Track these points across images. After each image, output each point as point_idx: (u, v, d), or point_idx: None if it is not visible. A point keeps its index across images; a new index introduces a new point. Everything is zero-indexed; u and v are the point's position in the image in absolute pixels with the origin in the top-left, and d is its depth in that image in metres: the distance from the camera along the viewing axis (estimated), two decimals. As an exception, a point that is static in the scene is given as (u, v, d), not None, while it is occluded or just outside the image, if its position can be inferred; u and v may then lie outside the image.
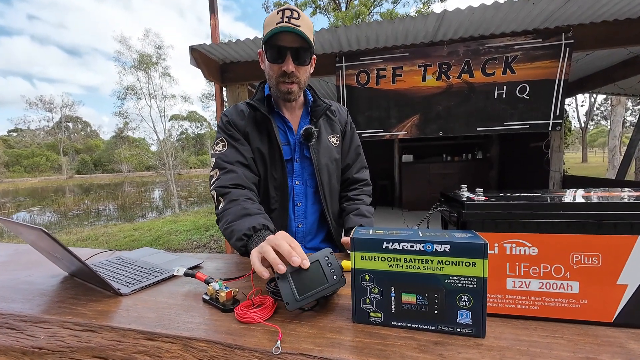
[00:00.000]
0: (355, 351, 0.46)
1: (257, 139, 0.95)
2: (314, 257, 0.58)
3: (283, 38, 0.83)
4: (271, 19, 0.84)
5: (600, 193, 0.61)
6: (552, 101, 2.39)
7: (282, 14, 0.82)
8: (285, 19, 0.81)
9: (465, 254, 0.48)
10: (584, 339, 0.47)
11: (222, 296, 0.60)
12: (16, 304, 0.66)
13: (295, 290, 0.54)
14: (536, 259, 0.52)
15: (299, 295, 0.54)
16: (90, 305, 0.64)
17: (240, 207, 0.82)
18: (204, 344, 0.50)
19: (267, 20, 0.86)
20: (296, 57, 0.86)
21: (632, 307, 0.50)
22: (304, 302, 0.54)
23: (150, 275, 0.77)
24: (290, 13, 0.82)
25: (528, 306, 0.53)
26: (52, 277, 0.82)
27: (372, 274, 0.52)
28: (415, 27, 2.32)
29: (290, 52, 0.85)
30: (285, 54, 0.85)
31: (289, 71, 0.86)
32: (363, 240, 0.52)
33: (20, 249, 1.11)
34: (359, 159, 1.11)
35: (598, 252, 0.50)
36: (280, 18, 0.82)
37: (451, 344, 0.47)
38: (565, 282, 0.52)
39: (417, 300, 0.51)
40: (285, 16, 0.82)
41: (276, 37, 0.83)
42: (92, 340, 0.54)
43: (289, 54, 0.85)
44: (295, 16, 0.82)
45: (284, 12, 0.82)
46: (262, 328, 0.53)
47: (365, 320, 0.53)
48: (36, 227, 0.56)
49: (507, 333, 0.50)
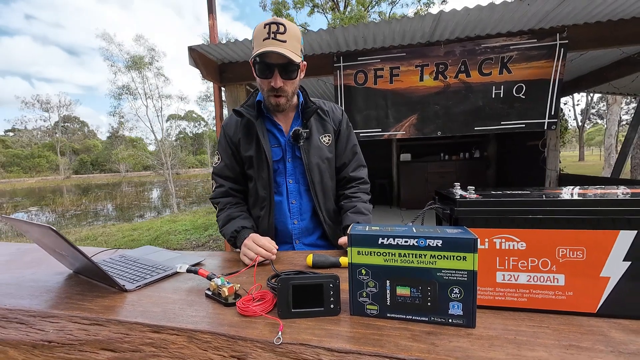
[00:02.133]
0: (352, 341, 0.48)
1: (246, 145, 1.04)
2: (324, 278, 0.57)
3: (269, 55, 0.87)
4: (258, 32, 0.88)
5: (596, 190, 0.63)
6: (547, 101, 2.42)
7: (269, 28, 0.86)
8: (272, 34, 0.85)
9: (456, 249, 0.50)
10: (568, 328, 0.50)
11: (224, 291, 0.63)
12: (24, 300, 0.68)
13: (292, 302, 0.56)
14: (524, 253, 0.55)
15: (293, 308, 0.56)
16: (97, 301, 0.66)
17: (227, 214, 1.05)
18: (208, 336, 0.52)
19: (254, 32, 0.90)
20: (283, 72, 0.91)
21: (615, 299, 0.52)
22: (295, 317, 0.56)
23: (154, 272, 0.79)
24: (277, 28, 0.86)
25: (517, 298, 0.56)
26: (57, 274, 0.84)
27: (368, 268, 0.55)
28: (412, 28, 2.34)
29: (278, 68, 0.90)
30: (273, 70, 0.90)
31: (277, 86, 0.92)
32: (359, 236, 0.55)
33: (23, 248, 1.13)
34: (356, 158, 1.13)
35: (582, 246, 0.53)
36: (267, 33, 0.86)
37: (443, 334, 0.50)
38: (552, 275, 0.54)
39: (411, 293, 0.53)
40: (272, 31, 0.85)
41: (263, 55, 0.87)
42: (100, 333, 0.56)
43: (276, 70, 0.90)
44: (281, 30, 0.86)
45: (270, 26, 0.86)
46: (263, 321, 0.55)
47: (362, 313, 0.56)
48: (44, 225, 0.58)
49: (496, 323, 0.52)
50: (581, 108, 27.57)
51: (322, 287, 0.57)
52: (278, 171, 1.06)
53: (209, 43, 2.64)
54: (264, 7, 16.77)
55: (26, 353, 0.58)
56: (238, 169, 1.09)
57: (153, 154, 18.14)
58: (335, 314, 0.57)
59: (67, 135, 48.49)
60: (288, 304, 0.56)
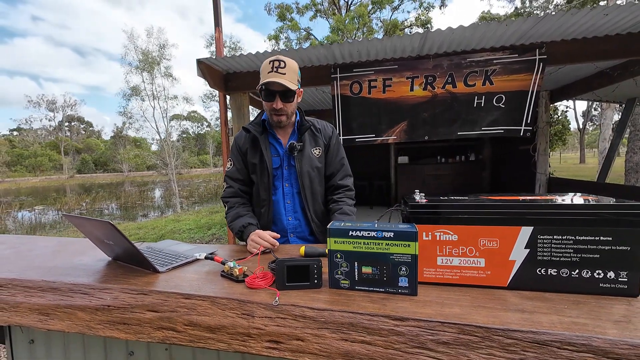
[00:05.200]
0: (328, 302, 0.69)
1: (252, 154, 1.28)
2: (310, 260, 0.77)
3: (272, 84, 1.13)
4: (265, 67, 1.15)
5: (526, 197, 0.83)
6: (525, 110, 2.63)
7: (272, 64, 1.13)
8: (274, 68, 1.12)
9: (403, 238, 0.70)
10: (483, 296, 0.70)
11: (235, 271, 0.83)
12: (82, 278, 0.88)
13: (286, 279, 0.76)
14: (456, 243, 0.75)
15: (287, 282, 0.76)
16: (138, 279, 0.86)
17: (235, 212, 1.27)
18: (225, 300, 0.72)
19: (262, 67, 1.17)
20: (283, 97, 1.16)
21: (519, 276, 0.72)
22: (289, 289, 0.75)
23: (178, 259, 1.00)
24: (279, 64, 1.13)
25: (451, 276, 0.76)
26: (99, 260, 1.04)
27: (342, 253, 0.75)
28: (402, 44, 2.54)
29: (279, 94, 1.15)
30: (275, 95, 1.15)
31: (278, 107, 1.17)
32: (336, 230, 0.75)
33: (63, 241, 1.34)
34: (343, 169, 1.34)
35: (497, 237, 0.73)
36: (271, 68, 1.13)
37: (393, 299, 0.70)
38: (476, 259, 0.74)
39: (372, 271, 0.73)
40: (274, 66, 1.12)
41: (268, 83, 1.13)
42: (145, 299, 0.77)
43: (277, 96, 1.15)
44: (282, 66, 1.13)
45: (274, 62, 1.13)
46: (265, 292, 0.76)
47: (337, 286, 0.76)
48: (104, 221, 0.79)
49: (433, 294, 0.72)
50: (582, 110, 27.62)
51: (309, 267, 0.77)
52: (276, 176, 1.28)
53: (215, 56, 2.86)
54: (268, 11, 17.03)
55: (91, 314, 0.78)
56: (246, 172, 1.31)
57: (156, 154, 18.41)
58: (318, 287, 0.77)
59: (71, 135, 48.97)
60: (283, 279, 0.76)
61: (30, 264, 1.03)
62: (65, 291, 0.83)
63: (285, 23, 16.45)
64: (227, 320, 0.70)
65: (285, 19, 16.43)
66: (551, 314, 0.61)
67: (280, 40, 16.79)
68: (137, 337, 0.75)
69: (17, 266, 1.00)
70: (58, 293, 0.84)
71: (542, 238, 0.70)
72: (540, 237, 0.71)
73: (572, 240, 0.69)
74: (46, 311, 0.82)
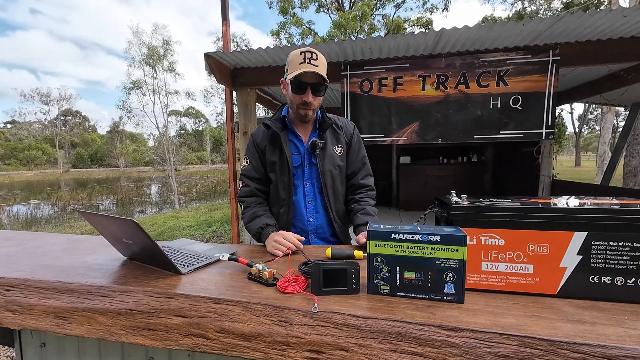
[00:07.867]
0: (371, 310, 0.64)
1: (271, 152, 1.21)
2: (347, 264, 0.72)
3: (305, 76, 1.07)
4: (295, 57, 1.08)
5: (564, 200, 0.79)
6: (543, 112, 2.60)
7: (304, 55, 1.06)
8: (307, 60, 1.06)
9: (451, 243, 0.66)
10: (534, 304, 0.66)
11: (265, 274, 0.78)
12: (99, 279, 0.83)
13: (322, 282, 0.72)
14: (503, 248, 0.71)
15: (323, 287, 0.72)
16: (160, 280, 0.81)
17: (252, 212, 1.21)
18: (259, 306, 0.68)
19: (290, 56, 1.10)
20: (314, 90, 1.11)
21: (570, 283, 0.69)
22: (325, 294, 0.71)
23: (199, 260, 0.95)
24: (311, 55, 1.07)
25: (497, 283, 0.72)
26: (114, 260, 0.99)
27: (383, 257, 0.70)
28: (416, 42, 2.50)
29: (310, 86, 1.09)
30: (306, 88, 1.09)
31: (309, 101, 1.11)
32: (377, 232, 0.71)
33: (72, 238, 1.28)
34: (365, 168, 1.30)
35: (547, 243, 0.69)
36: (303, 59, 1.06)
37: (439, 307, 0.66)
38: (524, 265, 0.70)
39: (416, 276, 0.69)
40: (307, 57, 1.06)
41: (300, 74, 1.06)
42: (171, 303, 0.72)
43: (309, 88, 1.09)
44: (315, 57, 1.07)
45: (306, 54, 1.06)
46: (299, 296, 0.71)
47: (376, 292, 0.72)
48: (128, 219, 0.74)
49: (480, 301, 0.68)
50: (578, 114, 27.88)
51: (346, 271, 0.73)
52: (297, 175, 1.22)
53: (223, 50, 2.79)
54: (270, 4, 16.88)
55: (112, 319, 0.73)
56: (263, 171, 1.25)
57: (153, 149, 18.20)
58: (356, 293, 0.73)
59: (67, 129, 48.33)
60: (319, 284, 0.72)
61: (41, 262, 0.98)
62: (82, 293, 0.78)
63: (287, 18, 16.30)
64: (262, 328, 0.65)
65: (287, 14, 16.29)
66: (614, 325, 0.58)
67: (282, 34, 16.64)
68: (163, 344, 0.70)
69: (28, 265, 0.95)
70: (75, 295, 0.78)
71: (596, 244, 0.67)
72: (595, 243, 0.67)
73: (628, 247, 0.66)
74: (63, 314, 0.77)
